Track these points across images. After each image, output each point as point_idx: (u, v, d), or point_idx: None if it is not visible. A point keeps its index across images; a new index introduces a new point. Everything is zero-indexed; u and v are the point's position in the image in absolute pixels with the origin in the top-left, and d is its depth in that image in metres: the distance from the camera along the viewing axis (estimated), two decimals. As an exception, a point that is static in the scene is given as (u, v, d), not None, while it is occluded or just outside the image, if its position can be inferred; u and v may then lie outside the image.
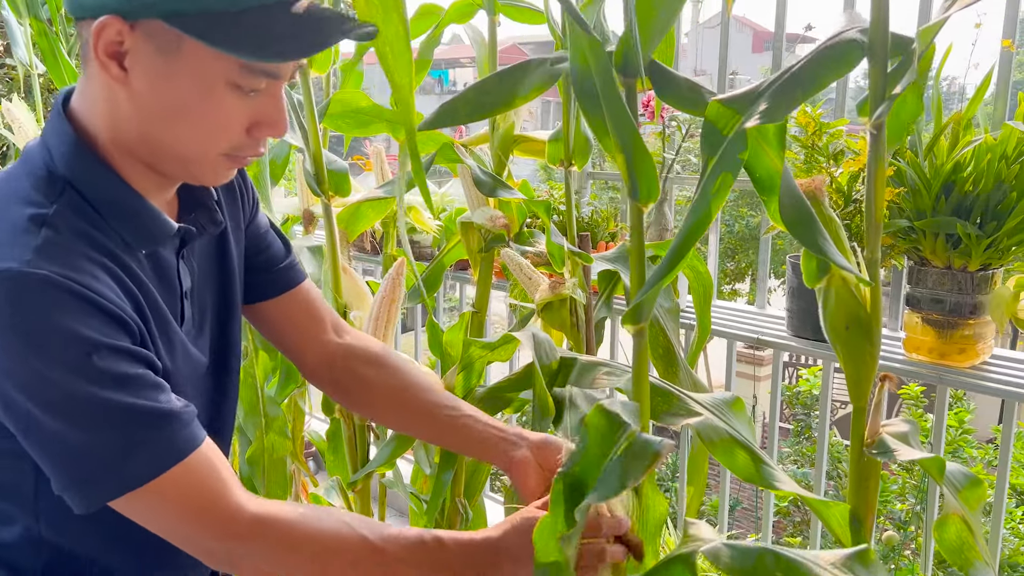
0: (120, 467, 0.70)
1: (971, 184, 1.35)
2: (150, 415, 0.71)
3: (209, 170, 0.79)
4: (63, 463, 0.70)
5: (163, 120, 0.74)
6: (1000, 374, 1.40)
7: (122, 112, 0.75)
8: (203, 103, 0.73)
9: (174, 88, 0.73)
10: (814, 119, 1.53)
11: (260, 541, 0.74)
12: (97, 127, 0.77)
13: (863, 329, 0.82)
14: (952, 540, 0.82)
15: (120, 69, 0.72)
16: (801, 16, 40.87)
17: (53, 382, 0.68)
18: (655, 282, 0.73)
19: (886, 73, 0.73)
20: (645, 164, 0.77)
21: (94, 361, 0.69)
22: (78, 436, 0.69)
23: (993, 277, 1.39)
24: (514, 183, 1.53)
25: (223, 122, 0.75)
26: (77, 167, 0.75)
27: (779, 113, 0.69)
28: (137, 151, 0.77)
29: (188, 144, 0.76)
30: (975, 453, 4.19)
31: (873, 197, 0.75)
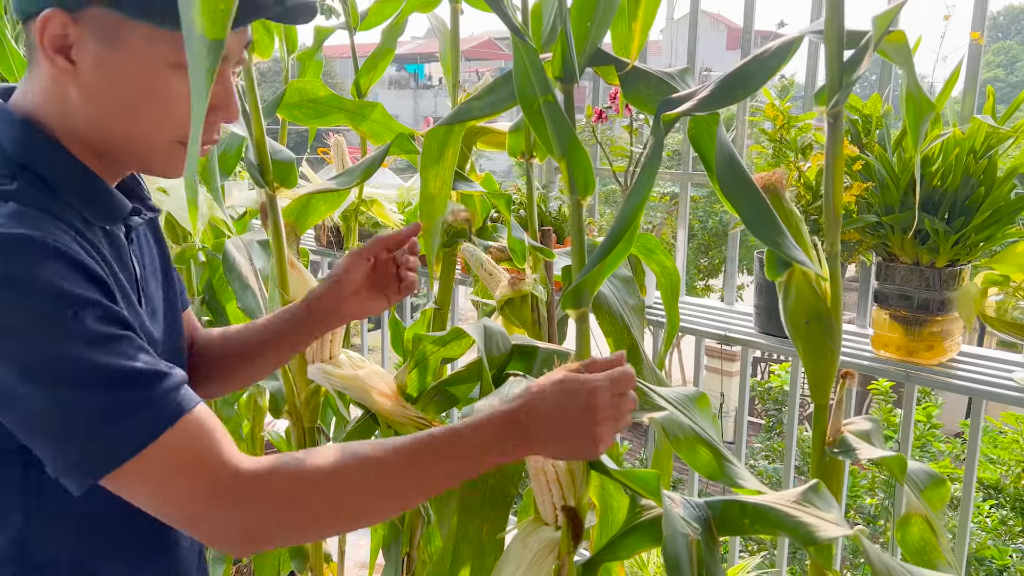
0: (115, 433, 0.66)
1: (939, 179, 1.34)
2: (142, 375, 0.67)
3: (162, 158, 0.78)
4: (53, 436, 0.66)
5: (114, 109, 0.74)
6: (967, 371, 1.39)
7: (72, 105, 0.74)
8: (150, 88, 0.73)
9: (121, 76, 0.72)
10: (782, 112, 1.51)
11: (265, 497, 0.69)
12: (48, 118, 0.75)
13: (823, 324, 0.81)
14: (915, 541, 0.80)
15: (67, 62, 0.72)
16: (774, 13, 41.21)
17: (39, 344, 0.64)
18: (594, 264, 0.74)
19: (842, 61, 0.72)
20: (581, 162, 0.81)
21: (81, 320, 0.65)
22: (68, 403, 0.65)
23: (961, 273, 1.38)
24: (476, 177, 1.49)
25: (171, 107, 0.74)
26: (29, 148, 0.73)
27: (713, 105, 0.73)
28: (89, 141, 0.76)
29: (140, 132, 0.75)
30: (943, 447, 4.24)
31: (832, 188, 0.73)
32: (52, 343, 0.64)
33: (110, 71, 0.72)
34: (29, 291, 0.64)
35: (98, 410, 0.65)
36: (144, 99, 0.73)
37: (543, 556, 0.84)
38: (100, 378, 0.65)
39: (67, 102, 0.74)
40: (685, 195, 1.98)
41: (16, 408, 0.66)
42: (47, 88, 0.74)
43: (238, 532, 0.69)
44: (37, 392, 0.64)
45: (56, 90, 0.74)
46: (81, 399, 0.65)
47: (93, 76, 0.72)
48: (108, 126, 0.75)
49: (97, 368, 0.65)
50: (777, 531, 0.70)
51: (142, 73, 0.72)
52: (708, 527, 0.74)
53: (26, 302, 0.64)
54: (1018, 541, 3.50)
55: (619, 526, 0.98)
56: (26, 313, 0.64)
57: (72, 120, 0.75)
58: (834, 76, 0.72)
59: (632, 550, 0.83)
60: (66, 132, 0.75)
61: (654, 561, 1.90)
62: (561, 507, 0.85)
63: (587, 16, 0.84)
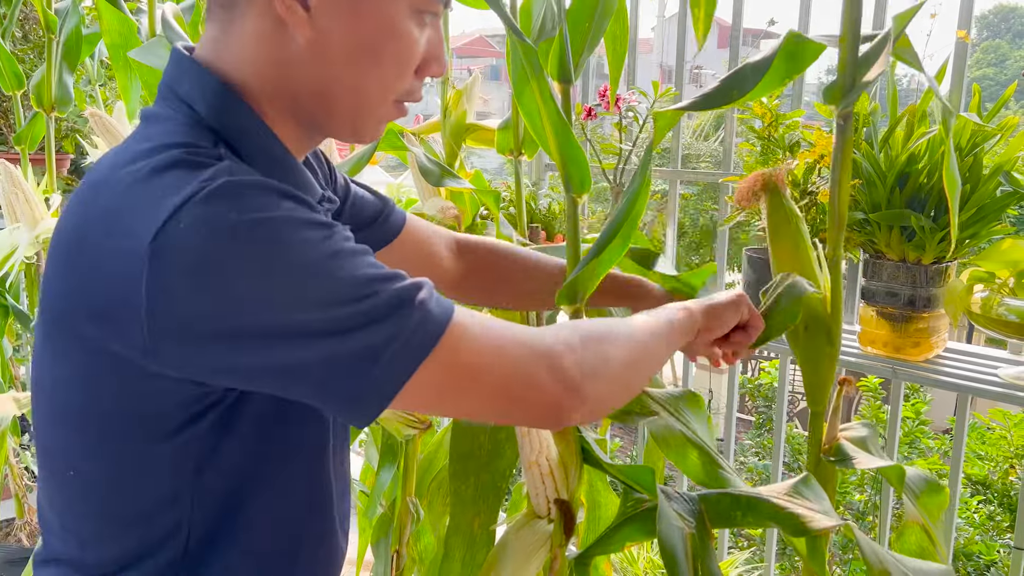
0: (410, 323, 0.59)
1: (925, 176, 1.34)
2: (403, 276, 0.62)
3: (376, 121, 0.73)
4: (343, 359, 0.58)
5: (348, 65, 0.68)
6: (953, 367, 1.40)
7: (293, 62, 0.67)
8: (390, 38, 0.68)
9: (363, 25, 0.67)
10: (770, 110, 1.51)
11: (581, 353, 0.66)
12: (248, 79, 0.68)
13: (823, 330, 0.80)
14: (912, 549, 0.81)
15: (304, 9, 0.65)
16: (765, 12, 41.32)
17: (305, 275, 0.58)
18: (588, 260, 0.74)
19: (856, 60, 0.72)
20: (577, 159, 0.82)
21: (336, 243, 0.60)
22: (351, 318, 0.58)
23: (947, 270, 1.39)
24: (466, 174, 1.50)
25: (407, 59, 0.70)
26: (227, 117, 0.67)
27: (713, 104, 0.75)
28: (301, 106, 0.70)
29: (370, 88, 0.70)
30: (931, 444, 4.26)
31: (837, 191, 0.73)
32: (314, 267, 0.58)
33: (351, 19, 0.66)
34: (280, 229, 0.58)
35: (381, 320, 0.58)
36: (383, 50, 0.68)
37: (536, 548, 0.84)
38: (373, 280, 0.60)
39: (284, 60, 0.67)
40: (674, 192, 1.98)
41: (285, 350, 0.58)
42: (253, 48, 0.67)
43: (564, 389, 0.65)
44: (316, 321, 0.57)
45: (268, 48, 0.67)
46: (363, 309, 0.58)
47: (331, 24, 0.66)
48: (335, 82, 0.68)
49: (368, 278, 0.60)
50: (770, 523, 0.71)
51: (384, 22, 0.67)
52: (702, 520, 0.74)
53: (280, 240, 0.58)
54: (1005, 536, 3.52)
55: (607, 523, 0.99)
56: (286, 252, 0.58)
57: (285, 81, 0.68)
58: (847, 76, 0.72)
59: (624, 542, 0.83)
60: (272, 95, 0.69)
61: (644, 556, 1.91)
62: (554, 500, 0.86)
63: (585, 16, 0.84)
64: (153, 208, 0.57)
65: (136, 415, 0.64)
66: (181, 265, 0.56)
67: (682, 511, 0.75)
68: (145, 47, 1.32)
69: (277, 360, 0.58)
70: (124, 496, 0.67)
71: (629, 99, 1.79)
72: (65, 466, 0.69)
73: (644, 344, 0.74)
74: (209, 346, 0.58)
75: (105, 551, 0.69)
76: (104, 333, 0.60)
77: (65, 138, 2.78)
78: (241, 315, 0.57)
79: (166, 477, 0.66)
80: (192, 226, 0.56)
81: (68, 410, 0.67)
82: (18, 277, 2.00)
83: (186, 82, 0.68)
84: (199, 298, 0.56)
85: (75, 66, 1.90)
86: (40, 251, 1.82)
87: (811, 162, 1.43)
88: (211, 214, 0.57)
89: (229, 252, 0.56)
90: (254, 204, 0.58)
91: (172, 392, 0.62)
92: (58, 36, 1.84)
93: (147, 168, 0.61)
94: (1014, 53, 32.55)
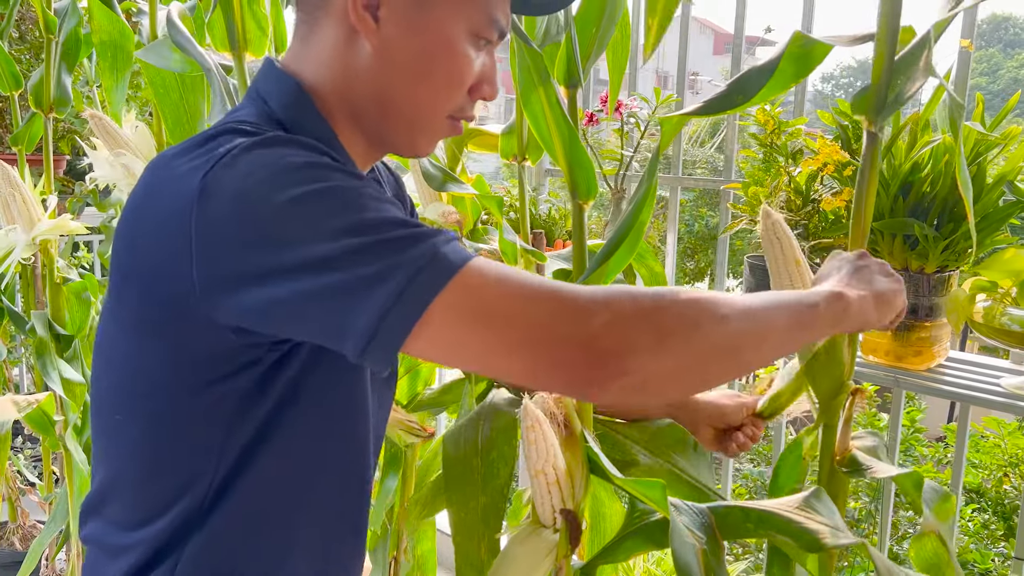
0: (431, 259, 0.59)
1: (928, 185, 1.34)
2: (431, 231, 0.62)
3: (431, 134, 0.78)
4: (355, 303, 0.59)
5: (407, 75, 0.74)
6: (955, 377, 1.40)
7: (360, 69, 0.73)
8: (448, 56, 0.74)
9: (424, 40, 0.73)
10: (773, 118, 1.51)
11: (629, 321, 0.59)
12: (323, 85, 0.75)
13: (837, 347, 0.79)
14: (928, 556, 0.81)
15: (373, 20, 0.72)
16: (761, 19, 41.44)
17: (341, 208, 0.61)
18: (595, 267, 0.74)
19: (892, 69, 0.69)
20: (584, 166, 0.82)
21: (369, 191, 0.63)
22: (377, 250, 0.59)
23: (950, 279, 1.38)
24: (468, 179, 1.49)
25: (461, 76, 0.75)
26: (296, 111, 0.74)
27: (715, 109, 0.76)
28: (364, 113, 0.75)
29: (426, 100, 0.75)
30: (925, 452, 4.27)
31: (863, 203, 0.72)
32: (351, 204, 0.61)
33: (415, 35, 0.72)
34: (309, 179, 0.61)
35: (395, 265, 0.59)
36: (440, 67, 0.73)
37: (541, 558, 0.84)
38: (399, 223, 0.61)
39: (353, 67, 0.73)
40: (674, 199, 1.98)
41: (309, 278, 0.59)
42: (328, 55, 0.74)
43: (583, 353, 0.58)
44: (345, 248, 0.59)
45: (341, 55, 0.74)
46: (389, 240, 0.60)
47: (396, 37, 0.72)
48: (394, 93, 0.74)
49: (391, 219, 0.61)
50: (781, 536, 0.70)
51: (444, 40, 0.73)
52: (712, 533, 0.74)
53: (308, 190, 0.61)
54: (1000, 545, 3.52)
55: (610, 535, 0.98)
56: (310, 204, 0.61)
57: (353, 89, 0.74)
58: (882, 86, 0.69)
59: (630, 553, 0.83)
60: (342, 103, 0.75)
61: (641, 566, 1.90)
62: (560, 510, 0.85)
63: (592, 21, 0.84)
64: (205, 159, 0.63)
65: (178, 364, 0.69)
66: (225, 195, 0.61)
67: (692, 525, 0.74)
68: (150, 47, 1.31)
69: (302, 287, 0.59)
70: (160, 443, 0.72)
71: (631, 105, 1.78)
72: (111, 411, 0.75)
73: (746, 331, 0.63)
74: (246, 274, 0.61)
75: (140, 498, 0.74)
76: (159, 276, 0.65)
77: (61, 139, 2.76)
78: (275, 243, 0.60)
79: (201, 428, 0.71)
80: (237, 164, 0.62)
81: (117, 359, 0.73)
82: (13, 279, 1.98)
83: (266, 82, 0.76)
84: (240, 227, 0.61)
85: (74, 67, 1.89)
86: (37, 253, 1.81)
87: (813, 170, 1.43)
88: (256, 155, 0.62)
89: (269, 184, 0.61)
90: (298, 152, 0.63)
91: (213, 342, 0.66)
92: (57, 36, 1.83)
93: (208, 135, 0.67)
94: (1007, 63, 32.74)
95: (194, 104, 1.44)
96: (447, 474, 1.03)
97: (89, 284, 1.92)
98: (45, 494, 2.12)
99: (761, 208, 0.89)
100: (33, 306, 1.88)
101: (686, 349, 0.60)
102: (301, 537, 0.78)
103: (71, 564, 1.91)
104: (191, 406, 0.70)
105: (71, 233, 1.80)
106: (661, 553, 1.93)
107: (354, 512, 0.83)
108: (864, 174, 0.71)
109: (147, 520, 0.74)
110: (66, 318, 1.89)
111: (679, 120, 0.82)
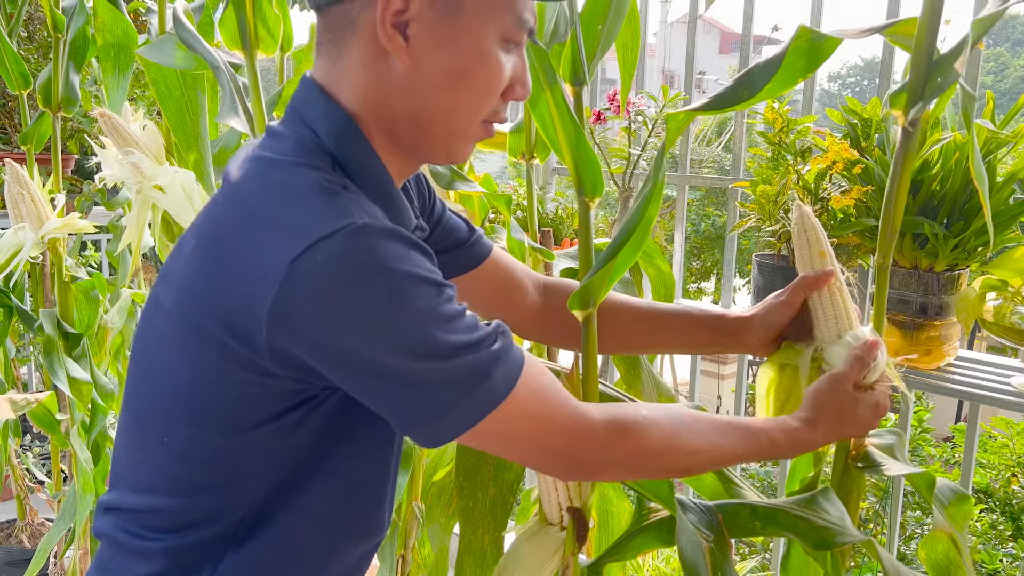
0: (481, 391, 0.68)
1: (938, 183, 1.34)
2: (489, 339, 0.70)
3: (467, 141, 0.78)
4: (421, 404, 0.68)
5: (442, 90, 0.73)
6: (965, 376, 1.39)
7: (392, 87, 0.73)
8: (481, 64, 0.73)
9: (456, 51, 0.72)
10: (781, 116, 1.51)
11: (615, 448, 0.74)
12: (359, 107, 0.75)
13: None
14: (939, 558, 0.80)
15: (403, 38, 0.71)
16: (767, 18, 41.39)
17: (412, 330, 0.66)
18: (602, 265, 0.74)
19: (930, 65, 0.69)
20: (590, 164, 0.81)
21: (442, 303, 0.67)
22: (439, 376, 0.67)
23: (959, 278, 1.38)
24: (475, 177, 1.49)
25: (494, 84, 0.75)
26: (349, 146, 0.74)
27: (722, 105, 0.75)
28: (400, 129, 0.76)
29: (461, 110, 0.75)
30: (933, 452, 4.25)
31: (894, 198, 0.71)
32: (421, 327, 0.66)
33: (445, 47, 0.72)
34: (397, 279, 0.65)
35: (464, 376, 0.67)
36: (473, 76, 0.73)
37: (548, 556, 0.84)
38: (463, 350, 0.67)
39: (386, 86, 0.73)
40: (682, 198, 1.97)
41: (387, 384, 0.67)
42: (359, 75, 0.74)
43: (576, 464, 0.75)
44: (411, 369, 0.66)
45: (372, 75, 0.73)
46: (450, 370, 0.67)
47: (427, 52, 0.72)
48: (429, 107, 0.74)
49: (460, 342, 0.67)
50: (789, 534, 0.70)
51: (476, 48, 0.72)
52: (720, 531, 0.73)
53: (396, 291, 0.65)
54: (1008, 545, 3.51)
55: (618, 533, 0.98)
56: (397, 304, 0.65)
57: (386, 107, 0.74)
58: (919, 81, 0.70)
59: (638, 551, 0.82)
60: (377, 121, 0.75)
61: (650, 564, 1.90)
62: (567, 508, 0.85)
63: (598, 18, 0.83)
64: (294, 233, 0.65)
65: (232, 400, 0.71)
66: (309, 290, 0.63)
67: (700, 523, 0.74)
68: (154, 44, 1.31)
69: (362, 387, 0.68)
70: (204, 470, 0.74)
71: (638, 103, 1.78)
72: (160, 433, 0.76)
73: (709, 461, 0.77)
74: (314, 359, 0.66)
75: (169, 510, 0.76)
76: (225, 329, 0.68)
77: (70, 138, 2.77)
78: (345, 345, 0.65)
79: (244, 457, 0.73)
80: (327, 262, 0.63)
81: (171, 388, 0.74)
82: (22, 277, 1.99)
83: (312, 109, 0.74)
84: (316, 320, 0.64)
85: (81, 66, 1.89)
86: (45, 251, 1.81)
87: (822, 169, 1.43)
88: (347, 255, 0.64)
89: (352, 291, 0.64)
90: (385, 251, 0.65)
91: (275, 385, 0.69)
92: (65, 35, 1.83)
93: (288, 186, 0.69)
94: (1014, 62, 32.60)
95: (195, 102, 1.44)
96: (459, 462, 1.03)
97: (97, 283, 1.93)
98: (54, 492, 2.13)
99: (794, 202, 0.90)
100: (42, 304, 1.88)
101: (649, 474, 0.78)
102: (332, 558, 0.81)
103: (72, 563, 1.91)
104: (238, 437, 0.73)
105: (79, 232, 1.80)
106: (670, 550, 1.93)
107: (375, 532, 0.85)
108: (896, 171, 0.71)
109: (177, 529, 0.75)
110: (74, 316, 1.90)
111: (685, 116, 0.82)
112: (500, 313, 1.06)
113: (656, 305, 1.05)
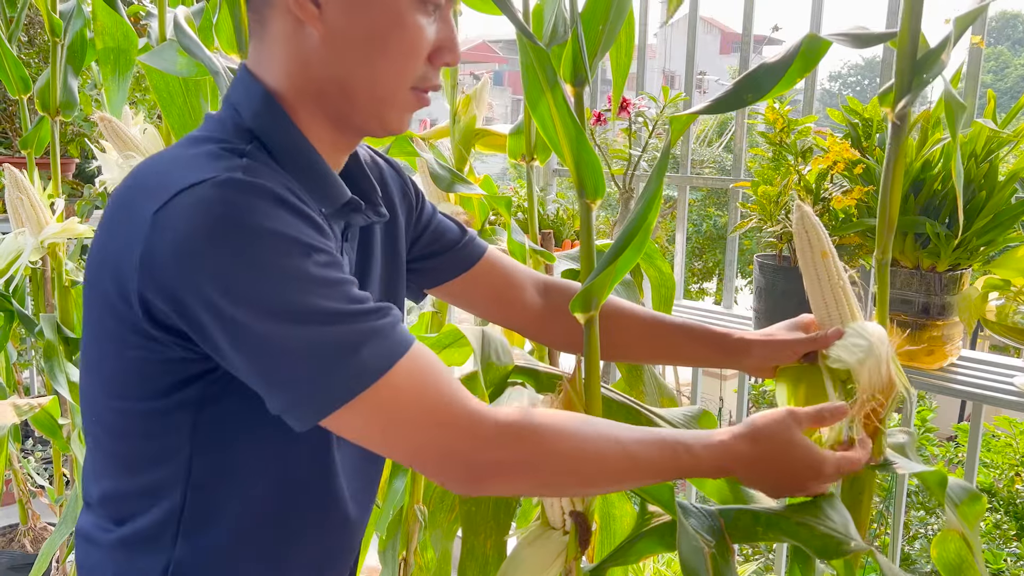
0: (348, 366, 0.65)
1: (940, 183, 1.33)
2: (367, 314, 0.67)
3: (398, 109, 0.77)
4: (283, 373, 0.65)
5: (359, 55, 0.73)
6: (968, 376, 1.39)
7: (313, 58, 0.73)
8: (396, 29, 0.73)
9: (367, 15, 0.72)
10: (782, 116, 1.50)
11: (511, 449, 0.69)
12: (281, 83, 0.75)
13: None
14: (951, 558, 0.79)
15: (314, 5, 0.71)
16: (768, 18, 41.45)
17: (271, 288, 0.64)
18: (604, 267, 0.73)
19: (915, 61, 0.70)
20: (591, 165, 0.81)
21: (310, 266, 0.65)
22: (299, 343, 0.64)
23: (962, 278, 1.37)
24: (475, 179, 1.48)
25: (415, 47, 0.74)
26: (264, 119, 0.74)
27: (724, 107, 0.75)
28: (325, 100, 0.75)
29: (383, 76, 0.74)
30: (936, 451, 4.24)
31: (889, 192, 0.72)
32: (285, 289, 0.64)
33: (358, 13, 0.72)
34: (262, 236, 0.64)
35: (330, 346, 0.64)
36: (390, 41, 0.73)
37: (551, 560, 0.83)
38: (330, 317, 0.65)
39: (306, 58, 0.73)
40: (684, 199, 1.97)
41: (242, 348, 0.65)
42: (282, 50, 0.74)
43: (466, 469, 0.69)
44: (269, 333, 0.64)
45: (292, 48, 0.73)
46: (313, 338, 0.64)
47: (340, 19, 0.72)
48: (351, 75, 0.74)
49: (327, 309, 0.65)
50: (791, 540, 0.69)
51: (389, 13, 0.72)
52: (722, 536, 0.73)
53: (260, 247, 0.64)
54: (1012, 545, 3.50)
55: (621, 536, 0.97)
56: (260, 260, 0.64)
57: (310, 79, 0.74)
58: (905, 77, 0.71)
59: (641, 555, 0.82)
60: (302, 95, 0.75)
61: (650, 567, 1.89)
62: (569, 512, 0.85)
63: (600, 18, 0.83)
64: (166, 186, 0.66)
65: (135, 371, 0.71)
66: (168, 240, 0.64)
67: (701, 528, 0.73)
68: (156, 51, 1.31)
69: (223, 352, 0.66)
70: (132, 445, 0.75)
71: (639, 104, 1.78)
72: (91, 414, 0.77)
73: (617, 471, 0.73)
74: (176, 314, 0.66)
75: (118, 496, 0.77)
76: (115, 290, 0.68)
77: (70, 142, 2.77)
78: (202, 300, 0.64)
79: (164, 431, 0.73)
80: (186, 208, 0.64)
81: (91, 363, 0.76)
82: (23, 282, 1.99)
83: (236, 90, 0.77)
84: (174, 271, 0.64)
85: (80, 69, 1.89)
86: (45, 256, 1.81)
87: (824, 169, 1.42)
88: (204, 205, 0.64)
89: (209, 243, 0.63)
90: (247, 205, 0.64)
91: (160, 351, 0.69)
92: (63, 39, 1.83)
93: (180, 153, 0.71)
94: (1015, 61, 32.56)
95: (197, 108, 1.44)
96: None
97: (98, 287, 1.92)
98: (55, 496, 2.13)
99: (795, 202, 0.90)
100: (43, 309, 1.88)
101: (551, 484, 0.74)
102: (290, 550, 0.80)
103: (74, 567, 1.91)
104: (151, 411, 0.73)
105: (79, 236, 1.80)
106: (672, 554, 1.92)
107: (338, 526, 0.83)
108: (889, 164, 0.71)
109: (125, 519, 0.76)
110: (75, 321, 1.89)
111: (688, 118, 0.81)
112: (500, 314, 1.05)
113: (659, 317, 1.03)
